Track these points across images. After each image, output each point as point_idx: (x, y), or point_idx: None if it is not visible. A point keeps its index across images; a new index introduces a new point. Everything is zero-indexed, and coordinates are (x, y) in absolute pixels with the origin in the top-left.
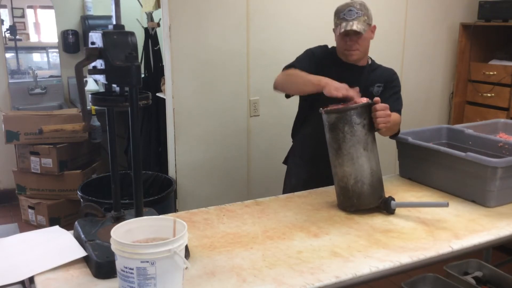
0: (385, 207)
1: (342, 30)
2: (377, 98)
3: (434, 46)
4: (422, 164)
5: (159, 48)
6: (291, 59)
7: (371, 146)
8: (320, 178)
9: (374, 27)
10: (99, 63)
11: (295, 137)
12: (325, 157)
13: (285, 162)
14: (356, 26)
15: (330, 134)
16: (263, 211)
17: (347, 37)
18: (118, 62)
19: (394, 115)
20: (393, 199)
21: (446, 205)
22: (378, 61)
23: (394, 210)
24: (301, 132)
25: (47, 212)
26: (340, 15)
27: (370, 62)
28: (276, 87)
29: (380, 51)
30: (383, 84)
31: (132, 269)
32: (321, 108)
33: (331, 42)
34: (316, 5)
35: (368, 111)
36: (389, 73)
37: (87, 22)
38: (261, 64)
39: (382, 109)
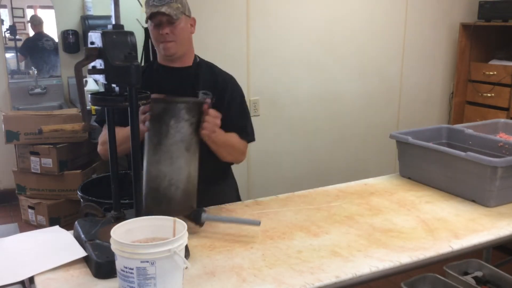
0: (195, 218)
1: (148, 13)
2: (208, 100)
3: (434, 46)
4: (422, 164)
5: None
6: (291, 59)
7: (194, 149)
8: None
9: (194, 20)
10: (98, 63)
11: None
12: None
13: None
14: (165, 9)
15: (153, 126)
16: (263, 211)
17: (159, 27)
18: (118, 62)
19: (233, 136)
20: (204, 211)
21: (258, 223)
22: (378, 61)
23: (204, 223)
24: None
25: (47, 212)
26: (150, 2)
27: (198, 60)
28: (102, 157)
29: (380, 51)
30: (214, 94)
31: (132, 269)
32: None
33: (330, 42)
34: (316, 5)
35: (198, 110)
36: (223, 79)
37: (87, 22)
38: (261, 64)
39: (213, 115)
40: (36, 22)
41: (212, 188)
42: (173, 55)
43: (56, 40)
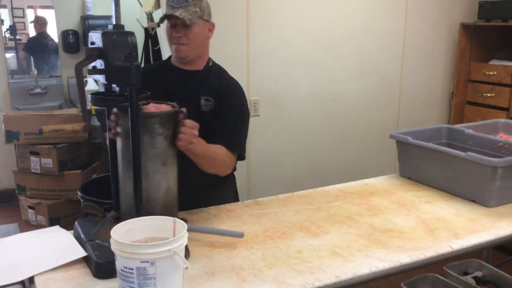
0: None
1: (163, 14)
2: (184, 109)
3: (434, 46)
4: (422, 164)
5: (159, 48)
6: (291, 59)
7: (171, 161)
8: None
9: (213, 25)
10: (99, 63)
11: None
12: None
13: None
14: (180, 13)
15: (125, 141)
16: (263, 211)
17: (174, 28)
18: (118, 62)
19: (218, 148)
20: (186, 221)
21: (241, 235)
22: (378, 61)
23: None
24: None
25: (47, 212)
26: (169, 1)
27: (210, 64)
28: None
29: (380, 51)
30: (216, 99)
31: (132, 269)
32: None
33: (330, 42)
34: (316, 5)
35: (173, 120)
36: (228, 85)
37: (87, 22)
38: (261, 64)
39: (190, 125)
40: (41, 21)
41: (204, 194)
42: (184, 58)
43: (56, 40)
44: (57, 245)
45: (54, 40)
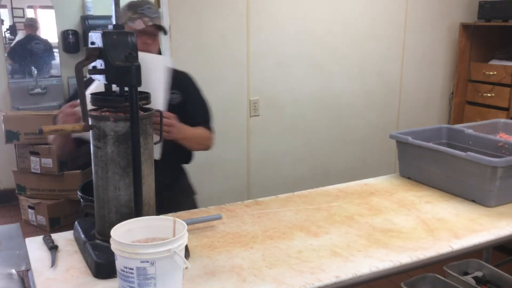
0: None
1: (150, 23)
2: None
3: (434, 46)
4: (422, 164)
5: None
6: (291, 59)
7: (153, 160)
8: None
9: None
10: (99, 63)
11: None
12: None
13: None
14: (160, 23)
15: (116, 147)
16: (263, 211)
17: (145, 35)
18: (118, 62)
19: (197, 129)
20: None
21: (220, 217)
22: (378, 61)
23: None
24: None
25: (47, 212)
26: (138, 9)
27: None
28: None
29: (380, 51)
30: (180, 91)
31: (132, 269)
32: (107, 114)
33: (330, 42)
34: (316, 5)
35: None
36: (183, 77)
37: (87, 22)
38: (261, 64)
39: (166, 116)
40: (32, 22)
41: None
42: None
43: (51, 41)
44: None
45: (45, 41)
